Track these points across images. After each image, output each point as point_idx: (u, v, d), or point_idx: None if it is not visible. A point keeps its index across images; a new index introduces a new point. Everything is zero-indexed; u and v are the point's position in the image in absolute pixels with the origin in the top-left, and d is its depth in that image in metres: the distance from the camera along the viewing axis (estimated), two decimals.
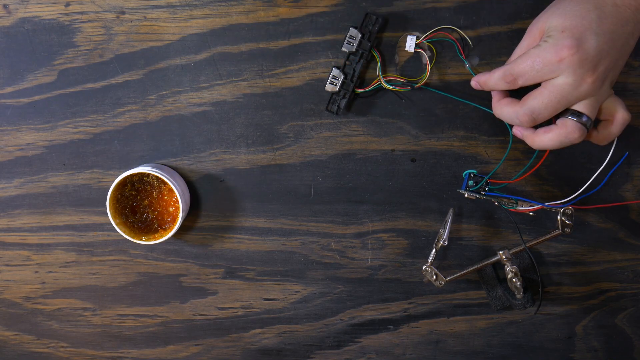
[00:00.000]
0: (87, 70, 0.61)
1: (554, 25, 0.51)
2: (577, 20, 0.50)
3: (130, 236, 0.62)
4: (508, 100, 0.56)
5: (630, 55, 0.59)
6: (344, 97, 0.60)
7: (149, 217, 0.64)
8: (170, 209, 0.63)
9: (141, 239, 0.62)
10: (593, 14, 0.50)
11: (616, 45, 0.50)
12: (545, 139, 0.54)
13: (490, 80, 0.55)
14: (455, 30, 0.59)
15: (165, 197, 0.63)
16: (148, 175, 0.62)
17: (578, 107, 0.52)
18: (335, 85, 0.59)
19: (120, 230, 0.62)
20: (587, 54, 0.49)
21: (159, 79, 0.62)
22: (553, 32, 0.51)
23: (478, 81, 0.57)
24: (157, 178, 0.62)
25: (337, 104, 0.60)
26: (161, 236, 0.62)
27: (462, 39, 0.59)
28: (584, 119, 0.52)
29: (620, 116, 0.55)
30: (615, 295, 0.68)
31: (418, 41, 0.58)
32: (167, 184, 0.61)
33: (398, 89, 0.60)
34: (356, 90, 0.60)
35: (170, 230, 0.62)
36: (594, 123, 0.54)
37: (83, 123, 0.63)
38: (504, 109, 0.55)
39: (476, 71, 0.59)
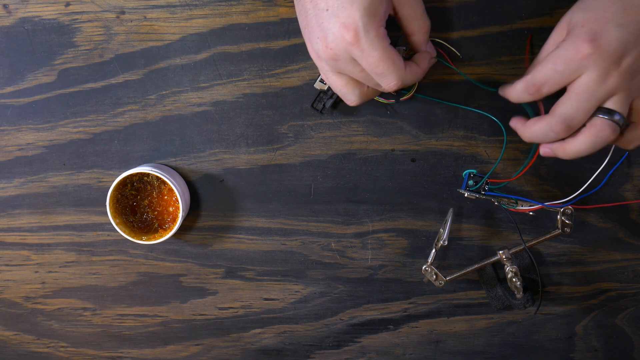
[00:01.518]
0: (87, 70, 0.61)
1: (575, 20, 0.49)
2: (599, 12, 0.48)
3: (130, 236, 0.62)
4: (534, 119, 0.52)
5: None
6: (331, 97, 0.60)
7: (149, 217, 0.64)
8: (170, 209, 0.63)
9: (141, 239, 0.62)
10: (617, 5, 0.47)
11: None
12: (577, 144, 0.51)
13: (512, 93, 0.53)
14: (441, 43, 0.58)
15: (165, 197, 0.63)
16: (148, 175, 0.62)
17: (607, 104, 0.49)
18: (325, 84, 0.59)
19: (121, 230, 0.62)
20: (609, 46, 0.47)
21: (159, 79, 0.62)
22: (574, 29, 0.48)
23: (503, 92, 0.55)
24: (157, 178, 0.62)
25: (323, 103, 0.61)
26: (161, 236, 0.62)
27: (449, 50, 0.59)
28: (616, 116, 0.49)
29: None
30: (615, 295, 0.68)
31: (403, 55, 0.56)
32: (167, 184, 0.61)
33: (383, 100, 0.60)
34: None
35: (171, 230, 0.62)
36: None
37: (83, 123, 0.63)
38: (534, 128, 0.52)
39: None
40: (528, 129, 0.53)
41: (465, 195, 0.62)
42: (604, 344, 0.70)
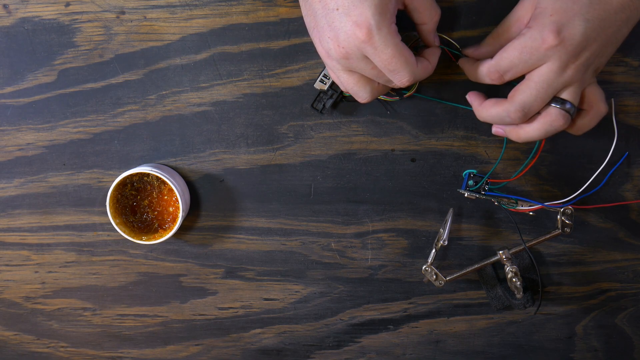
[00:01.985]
0: (87, 70, 0.61)
1: (544, 5, 0.49)
2: (568, 3, 0.48)
3: (130, 236, 0.62)
4: (492, 101, 0.54)
5: (631, 55, 0.59)
6: (331, 97, 0.60)
7: (149, 217, 0.64)
8: (170, 209, 0.63)
9: (141, 239, 0.62)
10: None
11: (606, 32, 0.49)
12: (530, 131, 0.53)
13: (473, 73, 0.55)
14: (444, 38, 0.58)
15: (165, 197, 0.63)
16: (148, 175, 0.62)
17: (562, 94, 0.51)
18: (325, 84, 0.59)
19: (121, 230, 0.62)
20: (572, 40, 0.48)
21: (159, 79, 0.62)
22: (541, 15, 0.49)
23: (463, 66, 0.56)
24: (157, 178, 0.62)
25: (323, 103, 0.61)
26: (161, 236, 0.62)
27: (451, 44, 0.58)
28: (568, 105, 0.51)
29: (598, 108, 0.54)
30: (615, 295, 0.68)
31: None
32: (167, 184, 0.61)
33: (387, 98, 0.60)
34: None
35: (171, 230, 0.62)
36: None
37: (83, 123, 0.63)
38: (490, 111, 0.54)
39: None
40: (485, 110, 0.55)
41: (465, 195, 0.62)
42: (604, 344, 0.70)
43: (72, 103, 0.63)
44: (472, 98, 0.57)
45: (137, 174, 0.62)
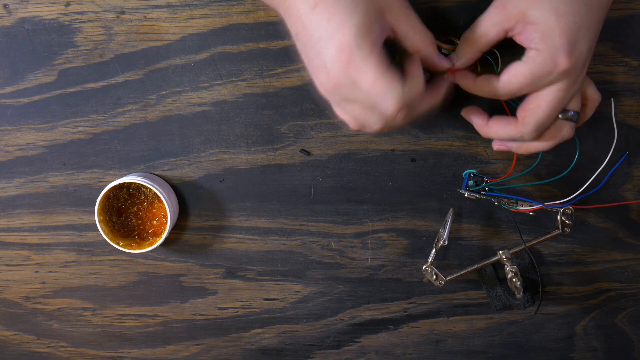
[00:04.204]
0: (87, 70, 0.61)
1: (545, 22, 0.46)
2: (570, 18, 0.46)
3: (108, 237, 0.63)
4: (501, 122, 0.53)
5: (631, 55, 0.59)
6: None
7: (132, 223, 0.64)
8: (155, 222, 0.64)
9: (117, 243, 0.63)
10: (583, 7, 0.47)
11: (598, 33, 0.49)
12: (540, 146, 0.53)
13: (471, 86, 0.53)
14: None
15: (154, 211, 0.64)
16: (146, 187, 0.63)
17: (567, 105, 0.51)
18: None
19: (101, 228, 0.62)
20: (581, 56, 0.47)
21: (159, 79, 0.62)
22: (549, 37, 0.47)
23: (460, 79, 0.54)
24: (154, 193, 0.63)
25: None
26: (139, 247, 0.63)
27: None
28: (571, 113, 0.51)
29: (593, 99, 0.54)
30: (615, 295, 0.68)
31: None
32: (160, 200, 0.62)
33: None
34: None
35: (151, 244, 0.63)
36: None
37: (83, 123, 0.63)
38: (500, 132, 0.53)
39: None
40: (493, 131, 0.54)
41: (466, 195, 0.62)
42: (604, 344, 0.70)
43: (72, 103, 0.63)
44: (473, 117, 0.55)
45: (136, 183, 0.62)
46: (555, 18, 0.46)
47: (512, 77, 0.49)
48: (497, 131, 0.53)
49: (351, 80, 0.46)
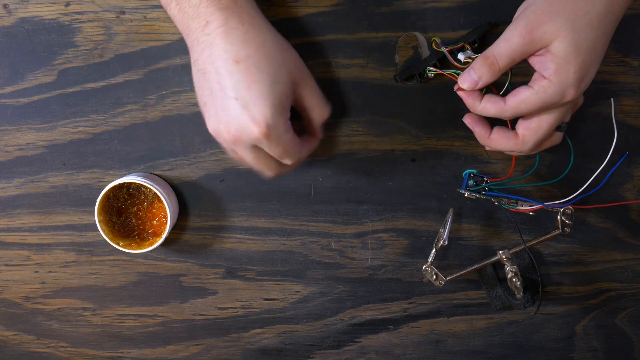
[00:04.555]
0: (87, 70, 0.61)
1: (564, 57, 0.47)
2: (588, 55, 0.47)
3: (108, 237, 0.62)
4: (502, 136, 0.55)
5: (631, 55, 0.59)
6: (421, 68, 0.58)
7: (132, 223, 0.64)
8: (155, 222, 0.64)
9: (117, 243, 0.63)
10: (601, 42, 0.48)
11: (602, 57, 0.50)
12: (533, 154, 0.58)
13: (476, 107, 0.53)
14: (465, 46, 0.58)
15: (154, 211, 0.64)
16: (147, 187, 0.63)
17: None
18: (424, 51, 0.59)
19: (101, 228, 0.62)
20: (587, 86, 0.50)
21: (159, 79, 0.62)
22: (564, 71, 0.48)
23: (465, 97, 0.55)
24: (154, 193, 0.63)
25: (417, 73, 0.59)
26: (139, 247, 0.63)
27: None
28: (563, 124, 0.54)
29: (577, 103, 0.56)
30: (615, 295, 0.68)
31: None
32: (160, 200, 0.62)
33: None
34: (429, 68, 0.58)
35: (152, 244, 0.62)
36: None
37: (83, 123, 0.63)
38: (501, 146, 0.55)
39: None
40: (495, 144, 0.56)
41: (466, 195, 0.62)
42: (604, 344, 0.70)
43: (72, 103, 0.63)
44: (476, 126, 0.57)
45: (135, 183, 0.62)
46: (575, 55, 0.47)
47: (521, 103, 0.50)
48: (498, 144, 0.55)
49: (253, 145, 0.50)
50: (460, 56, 0.56)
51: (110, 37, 0.60)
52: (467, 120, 0.57)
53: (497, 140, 0.55)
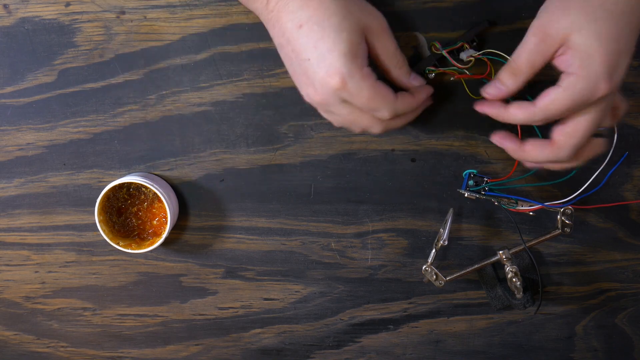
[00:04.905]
0: (87, 70, 0.61)
1: (586, 49, 0.46)
2: (613, 44, 0.46)
3: (108, 236, 0.62)
4: (536, 146, 0.52)
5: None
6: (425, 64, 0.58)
7: (132, 223, 0.64)
8: (155, 222, 0.64)
9: (118, 243, 0.63)
10: (626, 31, 0.46)
11: (634, 51, 0.48)
12: (574, 163, 0.53)
13: (503, 115, 0.52)
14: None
15: (154, 211, 0.64)
16: (146, 187, 0.63)
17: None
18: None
19: (101, 228, 0.62)
20: (620, 78, 0.47)
21: (159, 79, 0.62)
22: (589, 63, 0.46)
23: (489, 109, 0.54)
24: (154, 193, 0.63)
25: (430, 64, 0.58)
26: (138, 247, 0.63)
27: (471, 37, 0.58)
28: (605, 132, 0.52)
29: (620, 108, 0.53)
30: (615, 295, 0.68)
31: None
32: (160, 200, 0.62)
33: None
34: (429, 68, 0.58)
35: (151, 244, 0.62)
36: None
37: (83, 123, 0.63)
38: (538, 156, 0.52)
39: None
40: (530, 155, 0.53)
41: (466, 195, 0.62)
42: (604, 344, 0.70)
43: (72, 103, 0.63)
44: (506, 142, 0.55)
45: (135, 183, 0.62)
46: (598, 44, 0.46)
47: (551, 104, 0.48)
48: (533, 155, 0.53)
49: (341, 98, 0.49)
50: (463, 55, 0.56)
51: (111, 37, 0.60)
52: (496, 138, 0.56)
53: (531, 151, 0.53)
